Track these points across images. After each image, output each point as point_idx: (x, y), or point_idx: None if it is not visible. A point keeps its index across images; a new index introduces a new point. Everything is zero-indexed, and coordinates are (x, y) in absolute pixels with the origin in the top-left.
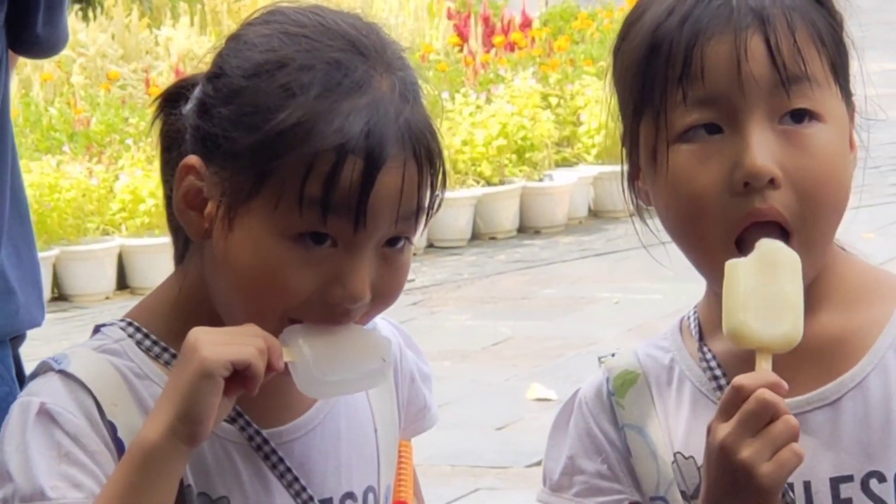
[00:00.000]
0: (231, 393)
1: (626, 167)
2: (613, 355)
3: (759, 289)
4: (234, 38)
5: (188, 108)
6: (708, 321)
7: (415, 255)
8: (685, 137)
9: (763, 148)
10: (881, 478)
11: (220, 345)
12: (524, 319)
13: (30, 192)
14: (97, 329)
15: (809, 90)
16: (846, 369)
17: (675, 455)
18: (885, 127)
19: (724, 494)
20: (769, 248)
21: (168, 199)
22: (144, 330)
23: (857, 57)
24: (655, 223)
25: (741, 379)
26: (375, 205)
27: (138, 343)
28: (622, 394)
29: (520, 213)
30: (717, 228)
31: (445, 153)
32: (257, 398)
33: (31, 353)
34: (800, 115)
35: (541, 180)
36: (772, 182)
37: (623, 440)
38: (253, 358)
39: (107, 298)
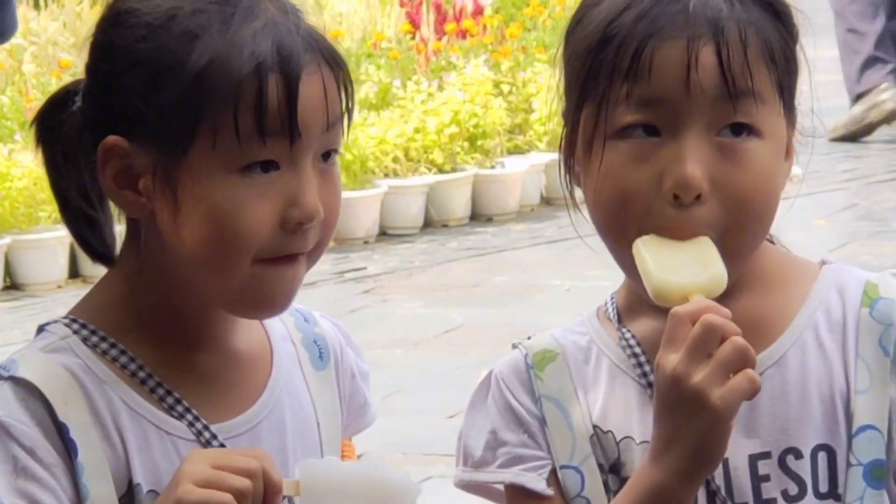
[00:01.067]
0: None
1: (563, 152)
2: (529, 338)
3: (672, 253)
4: (112, 15)
5: (77, 105)
6: (626, 306)
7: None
8: (622, 134)
9: (697, 159)
10: (798, 454)
11: (199, 484)
12: (476, 307)
13: None
14: (41, 329)
15: (753, 106)
16: (764, 347)
17: (593, 428)
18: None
19: (678, 427)
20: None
21: (62, 204)
22: (91, 326)
23: (808, 68)
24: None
25: (679, 308)
26: (305, 115)
27: (84, 340)
28: (541, 368)
29: (472, 200)
30: (640, 229)
31: (398, 141)
32: (203, 393)
33: None
34: (738, 129)
35: (493, 168)
36: (697, 197)
37: (540, 410)
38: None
39: (59, 287)
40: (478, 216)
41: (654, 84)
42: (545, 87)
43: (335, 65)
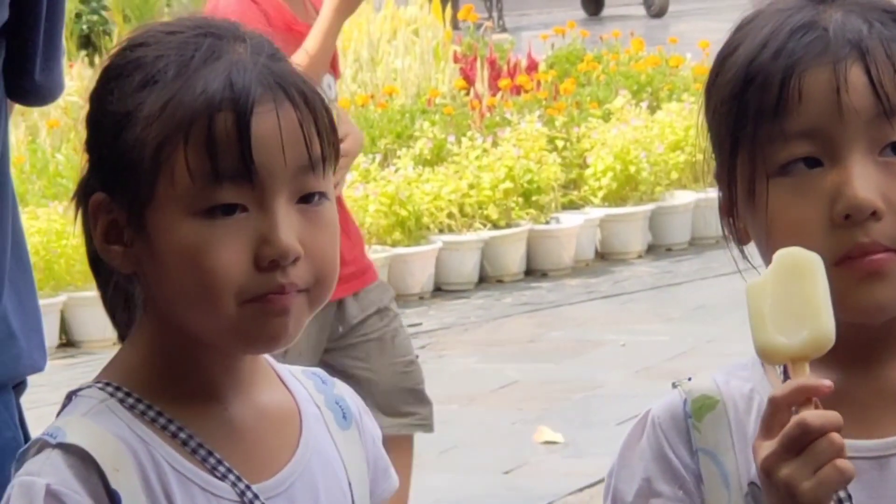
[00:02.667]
0: None
1: (720, 202)
2: (690, 380)
3: (779, 302)
4: (101, 71)
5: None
6: None
7: (422, 298)
8: (784, 171)
9: (865, 180)
10: None
11: None
12: (531, 362)
13: (37, 239)
14: (71, 396)
15: None
16: None
17: (749, 486)
18: None
19: None
20: (784, 255)
21: (95, 273)
22: (125, 389)
23: None
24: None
25: (777, 394)
26: (261, 153)
27: (121, 402)
28: (699, 417)
29: (527, 255)
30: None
31: (453, 196)
32: (240, 453)
33: (39, 398)
34: None
35: (547, 223)
36: (874, 214)
37: (697, 465)
38: None
39: (114, 344)
40: (533, 271)
41: (805, 114)
42: (599, 142)
43: (301, 102)
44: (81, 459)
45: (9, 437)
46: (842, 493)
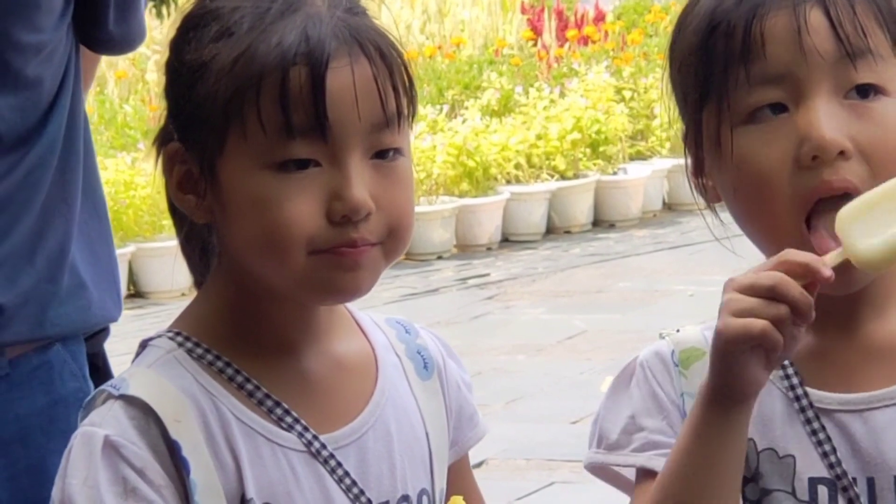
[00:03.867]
0: None
1: (689, 162)
2: (678, 331)
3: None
4: (179, 23)
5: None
6: None
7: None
8: (750, 119)
9: (831, 120)
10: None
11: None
12: (599, 313)
13: (105, 190)
14: (145, 343)
15: (874, 63)
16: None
17: None
18: None
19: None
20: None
21: (178, 226)
22: (194, 339)
23: None
24: (726, 217)
25: (793, 254)
26: (335, 109)
27: (189, 352)
28: (686, 366)
29: (594, 206)
30: (786, 206)
31: (521, 147)
32: (310, 403)
33: (109, 349)
34: (865, 90)
35: (615, 174)
36: (842, 154)
37: (683, 405)
38: None
39: (182, 295)
40: (600, 222)
41: (770, 59)
42: (666, 92)
43: (378, 58)
44: (142, 411)
45: (74, 388)
46: (826, 447)
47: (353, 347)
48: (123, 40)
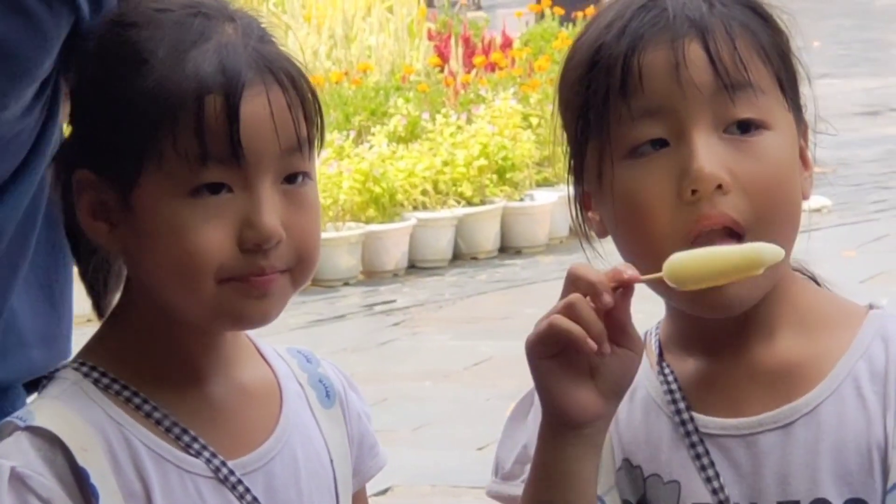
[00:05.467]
0: None
1: (574, 195)
2: None
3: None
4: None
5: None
6: (667, 340)
7: (396, 275)
8: (632, 154)
9: (709, 154)
10: None
11: None
12: (505, 339)
13: None
14: (50, 375)
15: (754, 97)
16: (801, 395)
17: (622, 462)
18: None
19: None
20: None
21: (74, 246)
22: (100, 369)
23: (808, 78)
24: (605, 249)
25: (579, 268)
26: (249, 136)
27: (95, 382)
28: None
29: (501, 233)
30: (667, 240)
31: (427, 174)
32: (217, 430)
33: None
34: (746, 126)
35: (522, 200)
36: (719, 188)
37: None
38: None
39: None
40: (507, 249)
41: (649, 93)
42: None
43: (290, 86)
44: (49, 441)
45: None
46: (710, 472)
47: (256, 375)
48: None
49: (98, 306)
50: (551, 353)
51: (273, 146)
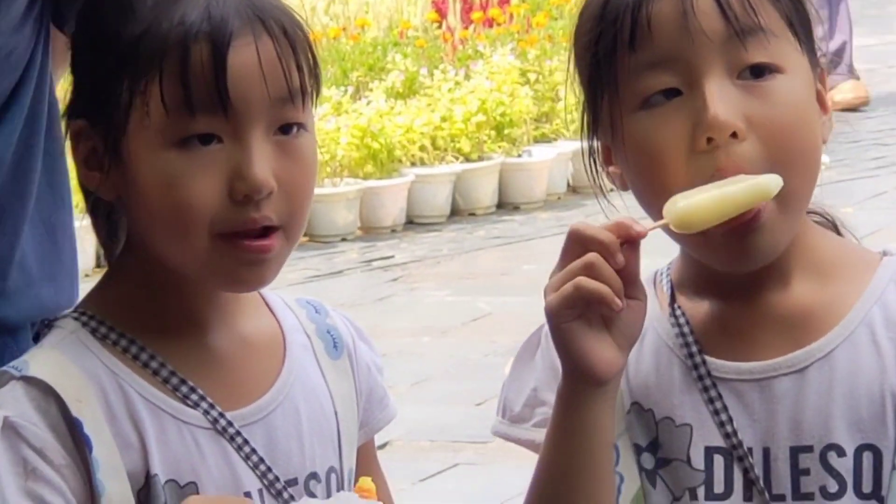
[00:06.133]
0: None
1: (595, 148)
2: None
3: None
4: None
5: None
6: (679, 281)
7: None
8: (644, 104)
9: (723, 101)
10: (840, 451)
11: None
12: (503, 295)
13: None
14: (49, 324)
15: (766, 41)
16: (814, 339)
17: (631, 405)
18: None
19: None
20: None
21: (87, 202)
22: (99, 318)
23: (821, 21)
24: (624, 201)
25: (578, 225)
26: (237, 86)
27: (93, 332)
28: None
29: (499, 189)
30: (678, 189)
31: (425, 129)
32: (217, 381)
33: None
34: (759, 70)
35: (520, 156)
36: (734, 136)
37: None
38: None
39: (86, 276)
40: (505, 205)
41: (658, 43)
42: (572, 75)
43: (281, 36)
44: (42, 391)
45: None
46: (723, 416)
47: (260, 326)
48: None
49: (110, 257)
50: (576, 315)
51: (262, 96)
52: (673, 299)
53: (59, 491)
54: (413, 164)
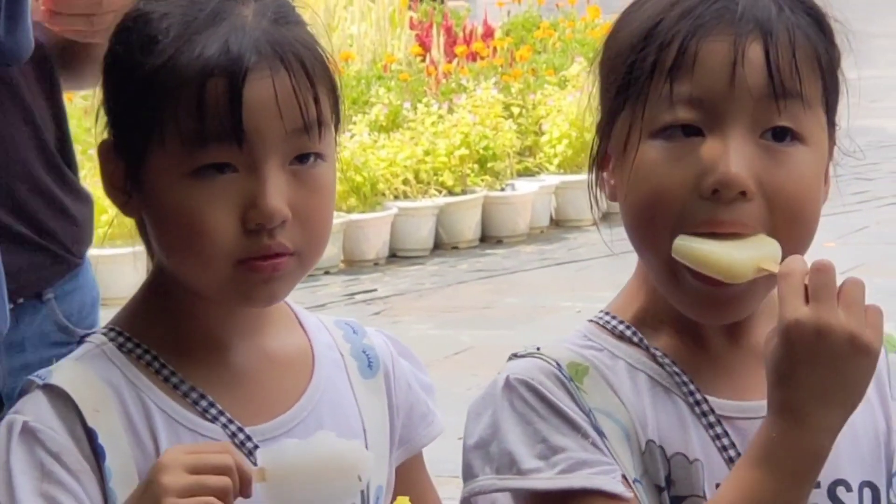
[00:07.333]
0: None
1: (594, 154)
2: (539, 349)
3: (720, 242)
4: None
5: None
6: (641, 322)
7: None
8: (662, 134)
9: (742, 157)
10: (847, 486)
11: (183, 494)
12: (486, 329)
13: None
14: (81, 339)
15: (801, 110)
16: None
17: (647, 443)
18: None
19: (832, 379)
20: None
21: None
22: (126, 334)
23: (847, 94)
24: (615, 232)
25: (785, 266)
26: (252, 120)
27: (119, 346)
28: (580, 380)
29: (482, 222)
30: (671, 229)
31: (409, 163)
32: (239, 397)
33: None
34: (782, 134)
35: (503, 190)
36: (743, 194)
37: (595, 421)
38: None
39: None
40: (488, 238)
41: (698, 82)
42: (555, 109)
43: (299, 68)
44: (63, 399)
45: None
46: (731, 452)
47: (288, 343)
48: (12, 51)
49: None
50: None
51: (277, 128)
52: (642, 342)
53: (73, 494)
54: (396, 197)
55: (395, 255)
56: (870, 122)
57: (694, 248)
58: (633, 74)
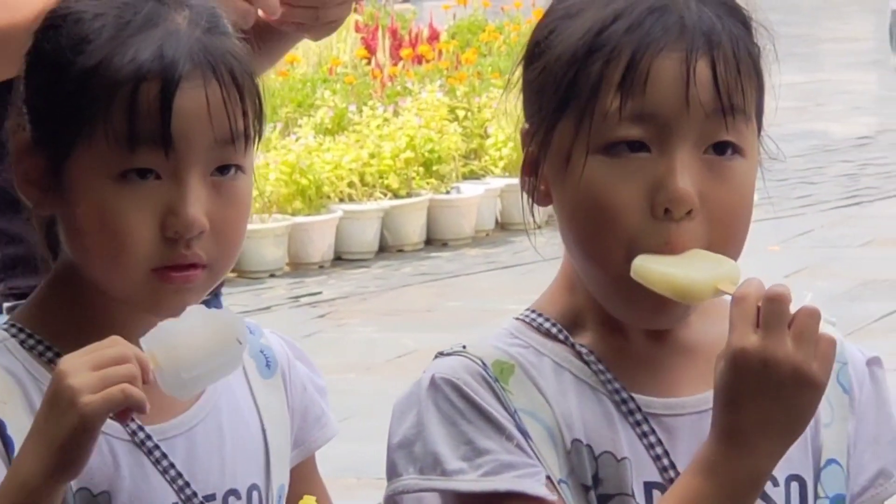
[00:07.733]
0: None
1: (525, 161)
2: (465, 347)
3: (677, 261)
4: (46, 14)
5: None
6: (569, 322)
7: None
8: (607, 150)
9: (689, 174)
10: (774, 481)
11: (95, 389)
12: (430, 332)
13: None
14: None
15: (743, 124)
16: None
17: (572, 442)
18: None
19: (775, 408)
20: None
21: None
22: (28, 330)
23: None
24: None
25: (741, 289)
26: (181, 127)
27: (21, 343)
28: (505, 380)
29: (427, 225)
30: (624, 248)
31: (354, 166)
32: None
33: None
34: (722, 148)
35: (448, 193)
36: (689, 212)
37: (520, 422)
38: (131, 395)
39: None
40: (433, 241)
41: (650, 98)
42: (500, 112)
43: (230, 81)
44: None
45: None
46: (658, 450)
47: None
48: None
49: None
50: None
51: (205, 138)
52: (568, 339)
53: None
54: (341, 200)
55: (340, 258)
56: (815, 125)
57: (653, 270)
58: (578, 87)
